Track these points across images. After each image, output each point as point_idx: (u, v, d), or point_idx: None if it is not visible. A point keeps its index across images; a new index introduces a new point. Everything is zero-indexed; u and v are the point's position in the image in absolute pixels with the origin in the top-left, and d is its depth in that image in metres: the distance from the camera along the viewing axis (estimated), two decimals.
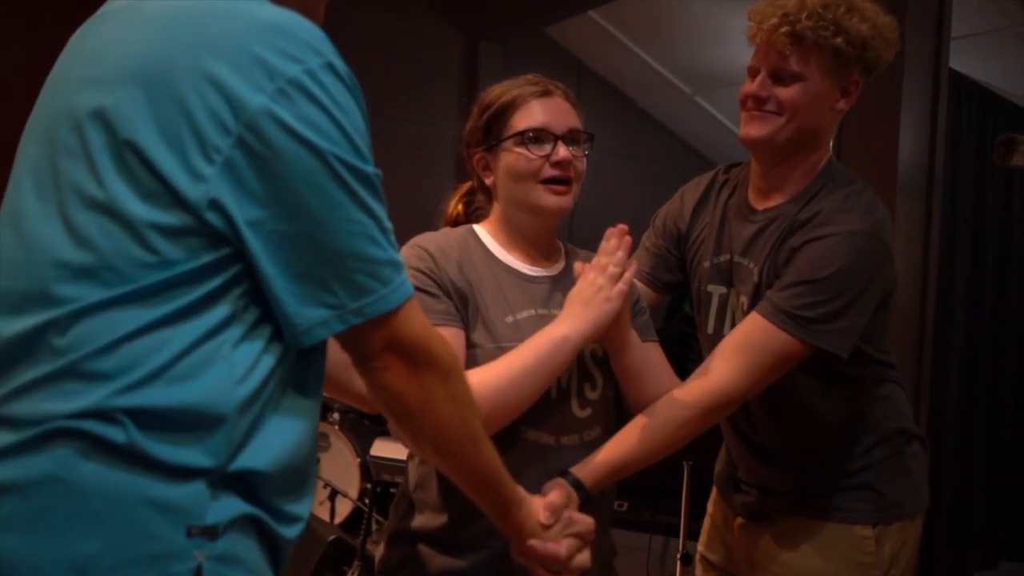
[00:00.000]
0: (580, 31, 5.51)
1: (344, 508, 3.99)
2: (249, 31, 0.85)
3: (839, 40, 1.47)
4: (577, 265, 1.41)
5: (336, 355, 0.99)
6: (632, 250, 1.42)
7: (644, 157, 6.16)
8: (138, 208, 0.83)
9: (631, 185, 6.10)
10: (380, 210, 0.89)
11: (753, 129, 1.54)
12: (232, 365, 0.86)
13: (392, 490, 3.42)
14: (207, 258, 0.84)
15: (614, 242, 1.40)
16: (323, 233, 0.85)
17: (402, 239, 1.16)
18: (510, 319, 1.40)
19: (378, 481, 3.44)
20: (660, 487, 2.72)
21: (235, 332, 0.86)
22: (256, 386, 0.87)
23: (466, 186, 1.58)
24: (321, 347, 0.95)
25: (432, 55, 5.43)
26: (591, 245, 1.50)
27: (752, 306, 1.53)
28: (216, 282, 0.85)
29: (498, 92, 1.44)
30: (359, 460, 3.98)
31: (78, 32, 0.99)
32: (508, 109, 1.42)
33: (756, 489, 1.69)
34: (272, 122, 0.82)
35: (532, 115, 1.41)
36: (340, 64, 0.88)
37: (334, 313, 0.88)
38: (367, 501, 3.51)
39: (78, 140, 0.87)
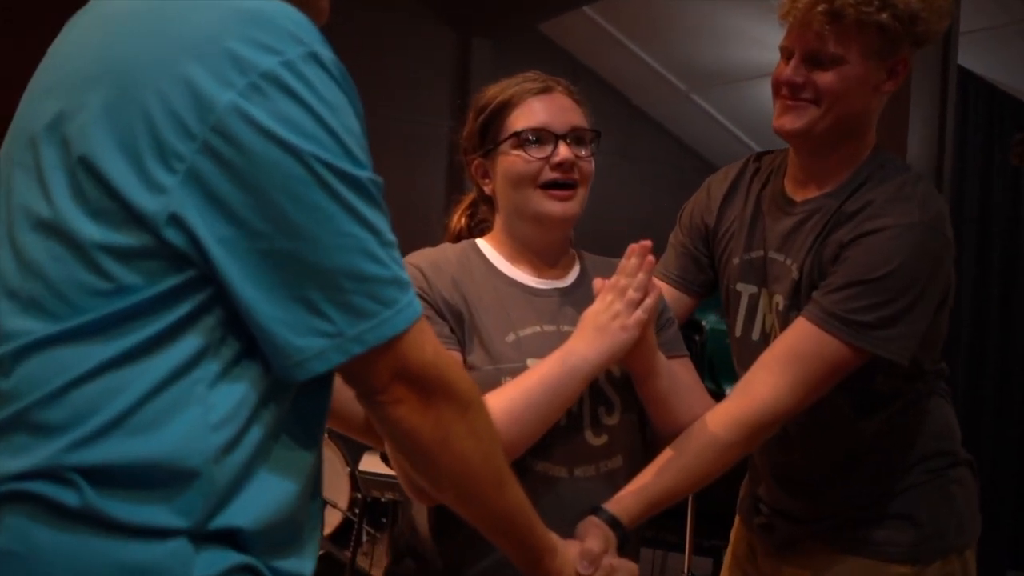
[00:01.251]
0: (574, 28, 5.41)
1: (333, 519, 3.88)
2: (222, 22, 0.75)
3: (884, 16, 1.32)
4: (596, 282, 1.28)
5: (341, 385, 0.87)
6: (657, 252, 1.30)
7: (639, 156, 6.06)
8: (88, 228, 0.73)
9: (626, 184, 6.01)
10: (379, 221, 0.79)
11: (788, 120, 1.40)
12: (207, 408, 0.74)
13: (384, 499, 3.31)
14: (169, 282, 0.74)
15: (634, 261, 1.26)
16: (311, 250, 0.75)
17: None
18: (511, 337, 1.28)
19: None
20: None
21: (210, 368, 0.76)
22: (236, 431, 0.75)
23: (469, 198, 1.46)
24: (322, 382, 0.83)
25: (424, 52, 5.33)
26: (583, 248, 1.40)
27: (790, 307, 1.41)
28: (182, 310, 0.75)
29: (494, 92, 1.34)
30: (349, 470, 3.87)
31: (58, 37, 0.90)
32: (504, 109, 1.31)
33: (781, 516, 1.55)
34: (243, 121, 0.72)
35: (531, 114, 1.30)
36: (327, 54, 0.77)
37: (331, 342, 0.77)
38: (357, 512, 3.40)
39: (31, 155, 0.78)
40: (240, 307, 0.75)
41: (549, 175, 1.29)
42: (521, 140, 1.29)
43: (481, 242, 1.37)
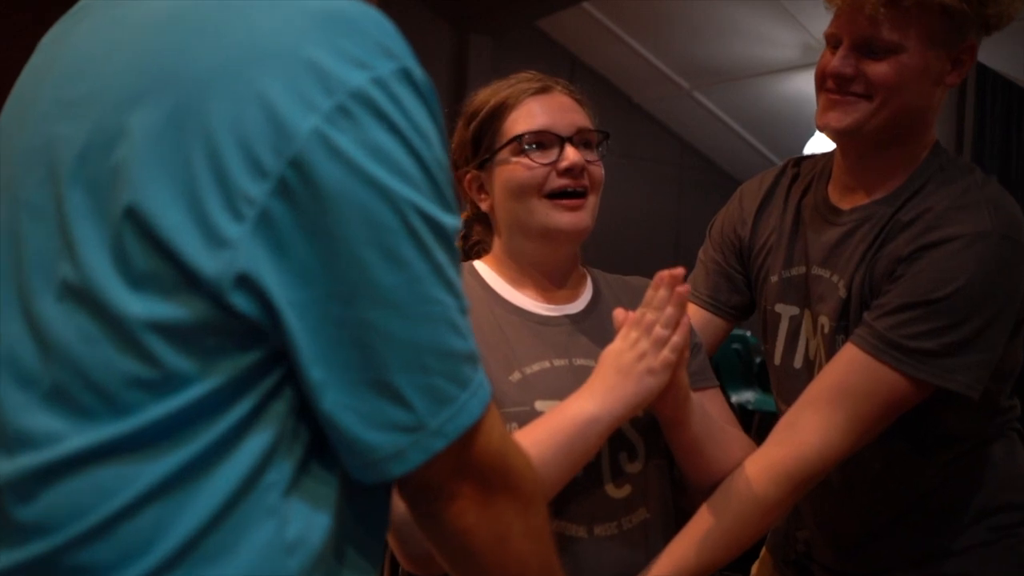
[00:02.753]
0: (573, 23, 5.30)
1: None
2: (297, 26, 0.60)
3: None
4: (618, 313, 1.09)
5: None
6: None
7: (640, 155, 5.94)
8: (128, 299, 0.58)
9: (626, 184, 5.88)
10: (459, 280, 0.65)
11: (835, 117, 1.21)
12: (281, 522, 0.61)
13: None
14: (235, 366, 0.59)
15: (663, 293, 1.06)
16: (396, 319, 0.60)
17: None
18: (516, 376, 1.11)
19: None
20: None
21: (283, 470, 0.61)
22: (316, 551, 0.62)
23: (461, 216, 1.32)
24: (385, 490, 0.69)
25: (420, 49, 5.15)
26: (584, 259, 1.24)
27: (837, 330, 1.24)
28: (251, 400, 0.60)
29: (485, 96, 1.18)
30: None
31: (52, 32, 0.74)
32: (499, 113, 1.15)
33: (819, 565, 1.37)
34: (328, 154, 0.57)
35: (530, 116, 1.14)
36: (419, 71, 0.63)
37: (411, 438, 0.62)
38: None
39: (49, 195, 0.62)
40: (305, 390, 0.60)
41: (556, 183, 1.13)
42: (522, 145, 1.13)
43: (479, 265, 1.21)
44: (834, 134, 1.24)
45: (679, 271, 1.07)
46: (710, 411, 1.17)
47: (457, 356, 0.63)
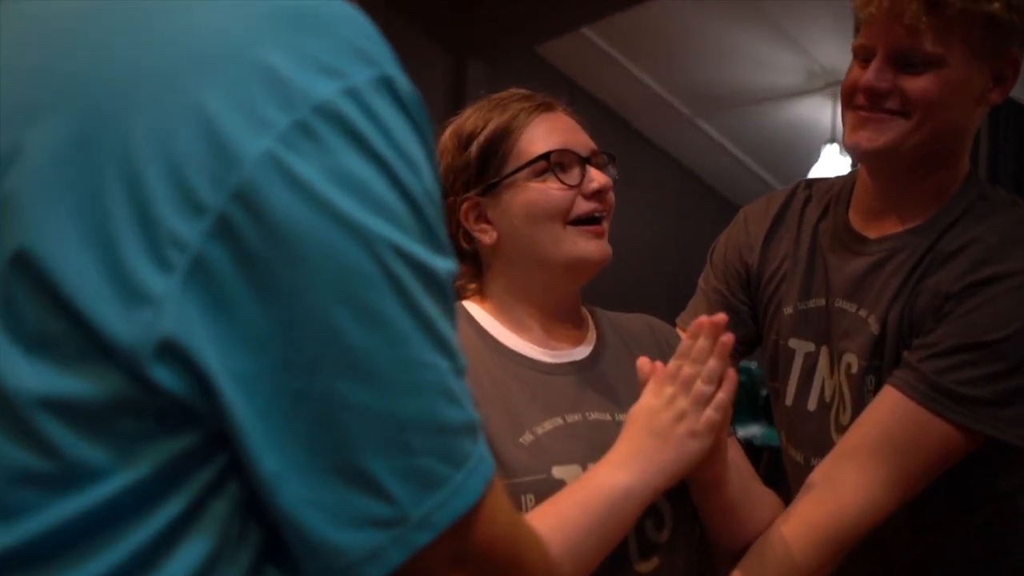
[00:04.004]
0: (572, 49, 5.22)
1: None
2: (250, 23, 0.48)
3: (997, 5, 1.04)
4: (643, 364, 0.97)
5: None
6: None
7: (640, 181, 5.85)
8: (16, 368, 0.45)
9: (626, 211, 5.78)
10: (453, 336, 0.53)
11: (867, 136, 1.11)
12: None
13: None
14: (165, 454, 0.47)
15: (703, 343, 0.94)
16: (372, 391, 0.48)
17: None
18: (527, 438, 0.98)
19: None
20: None
21: None
22: None
23: None
24: None
25: (417, 75, 5.10)
26: (582, 290, 1.12)
27: (868, 370, 1.13)
28: (182, 500, 0.48)
29: (483, 115, 1.07)
30: None
31: None
32: (508, 133, 1.04)
33: None
34: (283, 183, 0.46)
35: (547, 135, 1.04)
36: (403, 82, 0.51)
37: (390, 534, 0.50)
38: None
39: None
40: (256, 483, 0.49)
41: (584, 207, 1.02)
42: (549, 166, 1.02)
43: (471, 307, 1.08)
44: (865, 155, 1.13)
45: (721, 318, 0.95)
46: (743, 472, 1.05)
47: (451, 429, 0.52)
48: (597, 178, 1.03)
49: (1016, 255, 1.06)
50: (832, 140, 5.11)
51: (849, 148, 1.15)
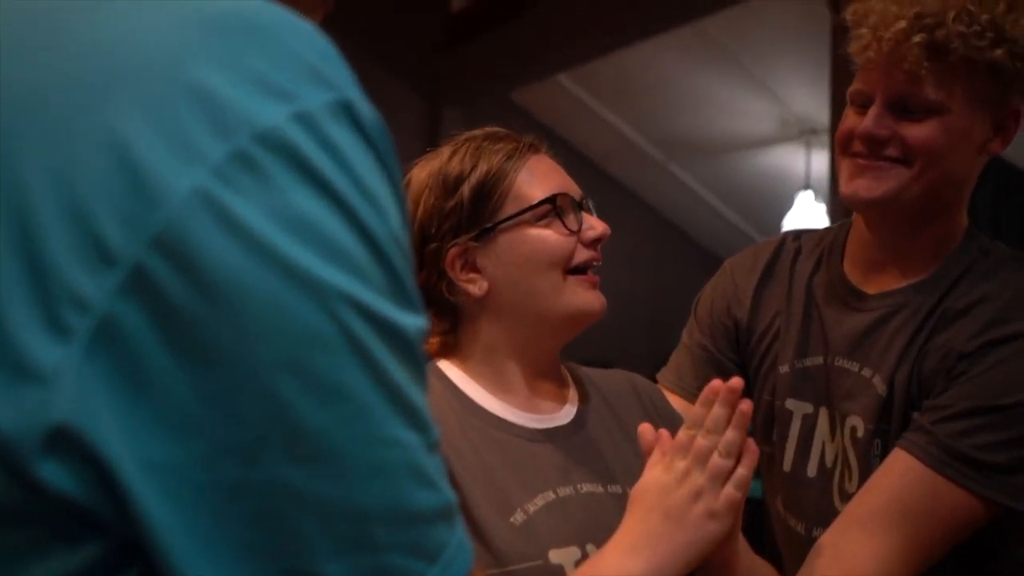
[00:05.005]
0: (548, 96, 5.23)
1: None
2: (182, 35, 0.41)
3: (999, 52, 1.00)
4: (645, 431, 0.88)
5: None
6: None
7: (615, 228, 5.78)
8: None
9: (602, 257, 5.75)
10: (425, 404, 0.45)
11: (865, 185, 1.07)
12: None
13: None
14: (60, 570, 0.38)
15: (719, 411, 0.85)
16: (327, 478, 0.40)
17: None
18: (519, 518, 0.88)
19: None
20: None
21: None
22: None
23: None
24: None
25: (392, 119, 5.08)
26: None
27: (875, 434, 1.07)
28: None
29: (470, 155, 0.98)
30: None
31: None
32: (503, 175, 0.97)
33: None
34: (216, 225, 0.38)
35: (544, 177, 0.97)
36: (366, 108, 0.43)
37: None
38: None
39: None
40: None
41: (583, 255, 0.96)
42: (552, 211, 0.95)
43: (446, 366, 0.99)
44: (864, 204, 1.09)
45: (737, 383, 0.86)
46: (745, 545, 0.98)
47: (423, 517, 0.43)
48: (596, 225, 0.98)
49: None
50: (806, 187, 5.13)
51: (846, 197, 1.10)
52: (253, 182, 0.38)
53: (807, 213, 5.06)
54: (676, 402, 1.20)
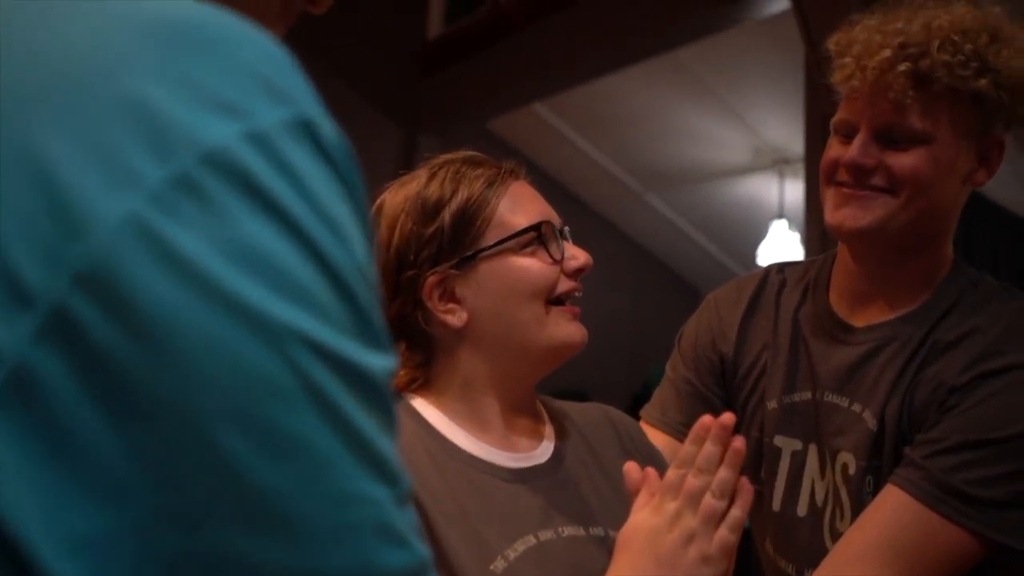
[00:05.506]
0: (524, 125, 5.24)
1: None
2: (121, 44, 0.36)
3: (984, 82, 1.00)
4: (631, 470, 0.84)
5: None
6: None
7: (593, 257, 5.84)
8: None
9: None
10: (394, 453, 0.40)
11: (851, 214, 1.05)
12: None
13: None
14: None
15: (711, 449, 0.81)
16: (285, 544, 0.35)
17: None
18: (499, 565, 0.84)
19: None
20: None
21: None
22: None
23: None
24: None
25: (368, 149, 5.09)
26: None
27: (868, 470, 1.05)
28: None
29: (449, 180, 0.94)
30: None
31: None
32: (485, 201, 0.93)
33: None
34: (153, 259, 0.33)
35: (527, 204, 0.94)
36: (327, 126, 0.39)
37: None
38: None
39: None
40: None
41: (566, 285, 0.93)
42: (537, 239, 0.92)
43: (419, 403, 0.94)
44: (850, 234, 1.07)
45: (729, 419, 0.82)
46: None
47: None
48: (579, 255, 0.95)
49: (1020, 346, 1.01)
50: (780, 216, 5.17)
51: (832, 227, 1.08)
52: (197, 209, 0.34)
53: (781, 242, 5.10)
54: (660, 438, 1.18)
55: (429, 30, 5.36)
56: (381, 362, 0.38)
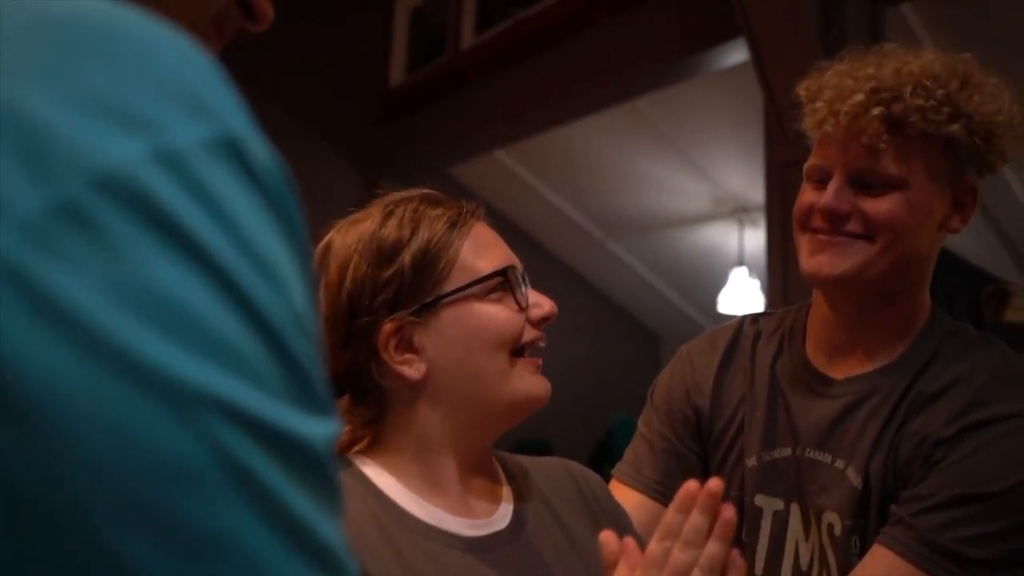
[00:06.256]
0: (485, 171, 5.25)
1: None
2: (3, 45, 0.30)
3: (956, 127, 0.99)
4: (608, 540, 0.78)
5: None
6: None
7: (555, 306, 5.83)
8: None
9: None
10: (337, 534, 0.32)
11: (827, 261, 1.03)
12: None
13: None
14: None
15: (697, 520, 0.74)
16: None
17: None
18: None
19: None
20: None
21: None
22: None
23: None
24: None
25: (330, 195, 5.07)
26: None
27: (853, 530, 1.00)
28: None
29: (407, 220, 0.86)
30: None
31: None
32: (448, 244, 0.86)
33: None
34: (23, 308, 0.26)
35: (491, 248, 0.88)
36: (259, 148, 0.32)
37: None
38: None
39: None
40: None
41: (531, 335, 0.87)
42: (504, 284, 0.86)
43: (367, 466, 0.86)
44: (827, 282, 1.05)
45: (716, 485, 0.75)
46: None
47: None
48: (543, 303, 0.89)
49: (1006, 396, 0.98)
50: (740, 263, 5.21)
51: (809, 275, 1.06)
52: (83, 244, 0.27)
53: (742, 289, 5.13)
54: (634, 497, 1.14)
55: (392, 78, 5.37)
56: (322, 429, 0.31)
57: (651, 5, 3.71)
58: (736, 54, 3.31)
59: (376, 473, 0.85)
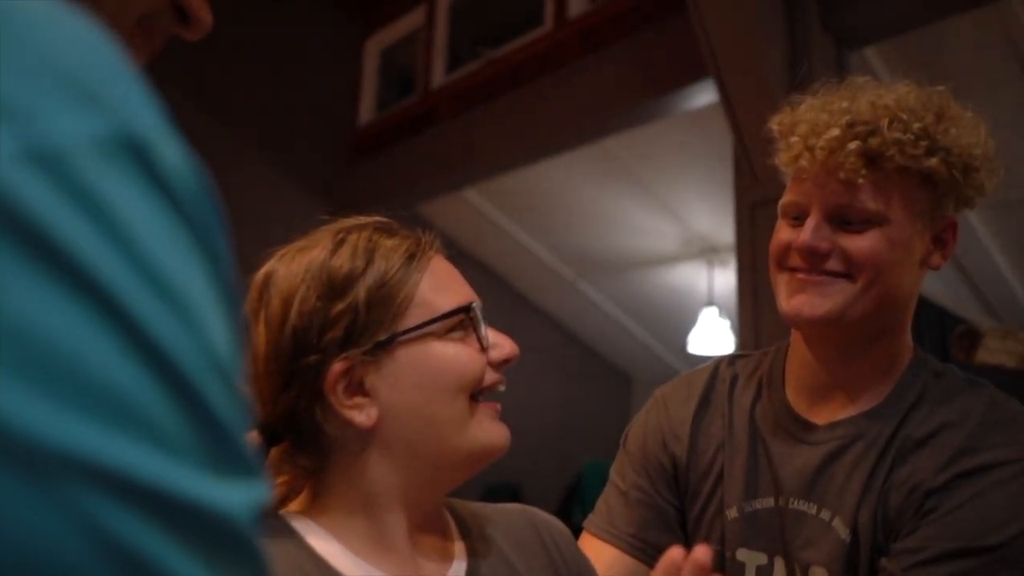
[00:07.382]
0: (455, 210, 5.23)
1: None
2: None
3: (934, 161, 0.96)
4: None
5: None
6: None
7: (523, 344, 5.78)
8: None
9: (510, 373, 5.66)
10: None
11: (808, 301, 0.99)
12: None
13: None
14: None
15: None
16: None
17: None
18: None
19: None
20: None
21: None
22: None
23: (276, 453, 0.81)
24: None
25: (298, 232, 5.01)
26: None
27: None
28: None
29: (360, 252, 0.79)
30: None
31: None
32: (406, 278, 0.78)
33: None
34: None
35: (451, 282, 0.81)
36: (167, 148, 0.26)
37: None
38: None
39: None
40: None
41: (491, 378, 0.81)
42: (466, 322, 0.80)
43: (304, 524, 0.77)
44: (808, 322, 1.00)
45: (704, 554, 0.70)
46: None
47: None
48: (504, 344, 0.82)
49: (997, 442, 0.94)
50: (710, 303, 5.21)
51: (788, 316, 1.01)
52: None
53: (712, 328, 5.13)
54: (608, 552, 1.08)
55: (361, 116, 5.36)
56: (241, 495, 0.25)
57: (620, 46, 3.73)
58: (705, 95, 3.33)
59: (312, 533, 0.76)
